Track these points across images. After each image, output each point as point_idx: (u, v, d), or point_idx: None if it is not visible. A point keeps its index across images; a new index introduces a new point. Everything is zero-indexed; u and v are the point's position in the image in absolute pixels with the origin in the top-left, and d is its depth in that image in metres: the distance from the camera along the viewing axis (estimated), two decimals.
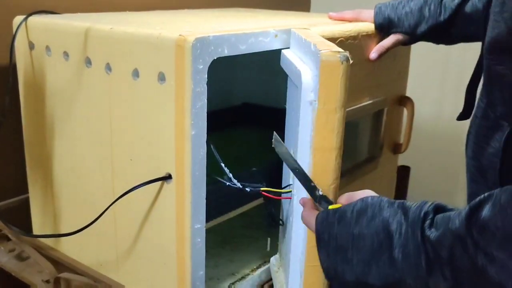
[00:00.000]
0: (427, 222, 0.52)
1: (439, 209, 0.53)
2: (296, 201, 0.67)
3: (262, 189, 0.74)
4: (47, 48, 0.82)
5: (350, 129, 1.07)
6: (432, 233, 0.51)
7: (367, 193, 0.61)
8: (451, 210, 0.53)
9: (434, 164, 1.64)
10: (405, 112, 1.12)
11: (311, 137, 0.63)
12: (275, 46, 0.76)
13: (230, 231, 1.02)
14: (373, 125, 1.05)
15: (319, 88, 0.62)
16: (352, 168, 1.02)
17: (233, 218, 0.99)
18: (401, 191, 1.25)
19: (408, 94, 0.94)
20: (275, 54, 0.78)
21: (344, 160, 1.01)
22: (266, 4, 1.41)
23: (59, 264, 0.88)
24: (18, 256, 0.91)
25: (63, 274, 0.84)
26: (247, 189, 0.75)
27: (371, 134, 1.06)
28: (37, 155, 0.92)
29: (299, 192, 0.66)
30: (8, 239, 0.93)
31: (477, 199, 0.49)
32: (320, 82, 0.62)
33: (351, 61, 0.62)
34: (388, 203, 0.56)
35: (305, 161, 0.65)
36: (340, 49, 0.62)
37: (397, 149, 1.12)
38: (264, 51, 0.76)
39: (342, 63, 0.61)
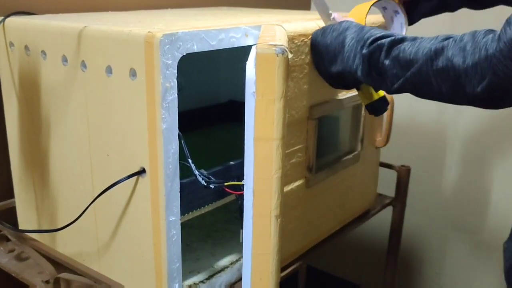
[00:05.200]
0: (369, 41, 0.76)
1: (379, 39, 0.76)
2: (246, 192, 0.70)
3: (226, 184, 0.75)
4: (26, 48, 0.84)
5: (331, 122, 1.08)
6: (366, 48, 0.76)
7: (350, 19, 0.85)
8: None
9: (433, 164, 1.63)
10: None
11: (253, 127, 0.66)
12: (246, 42, 0.78)
13: (213, 226, 1.04)
14: (353, 119, 1.07)
15: (257, 80, 0.65)
16: (333, 161, 1.03)
17: (217, 212, 1.00)
18: (401, 191, 1.25)
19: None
20: None
21: (326, 153, 1.03)
22: (266, 4, 1.41)
23: (59, 264, 0.88)
24: (18, 257, 0.92)
25: (63, 274, 0.84)
26: (211, 185, 0.76)
27: (352, 127, 1.07)
28: (20, 154, 0.94)
29: (248, 183, 0.69)
30: (8, 240, 0.94)
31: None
32: (257, 74, 0.65)
33: (290, 55, 0.64)
34: (357, 27, 0.79)
35: (250, 152, 0.68)
36: (280, 43, 0.65)
37: (378, 143, 1.13)
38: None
39: (278, 56, 0.64)
